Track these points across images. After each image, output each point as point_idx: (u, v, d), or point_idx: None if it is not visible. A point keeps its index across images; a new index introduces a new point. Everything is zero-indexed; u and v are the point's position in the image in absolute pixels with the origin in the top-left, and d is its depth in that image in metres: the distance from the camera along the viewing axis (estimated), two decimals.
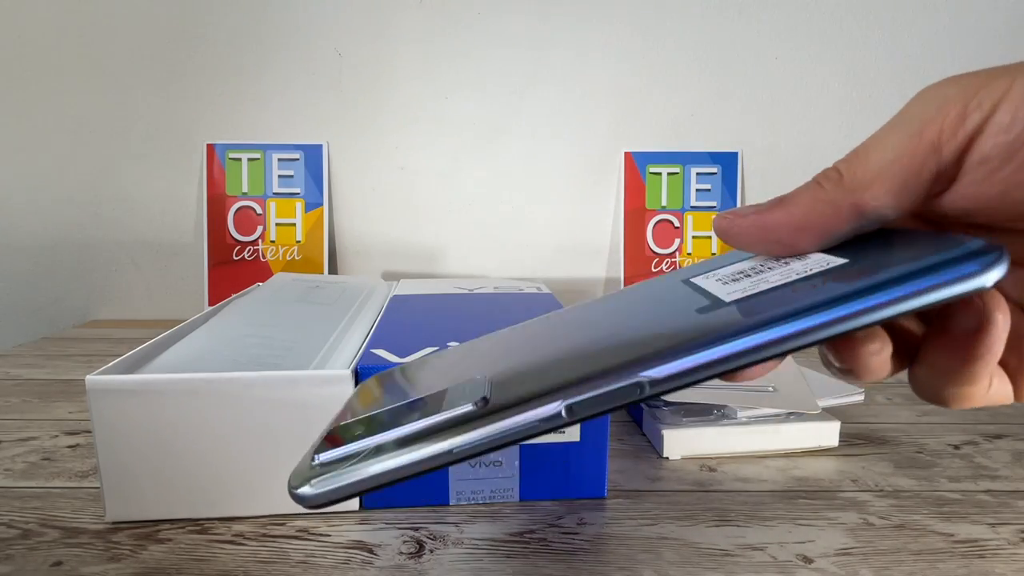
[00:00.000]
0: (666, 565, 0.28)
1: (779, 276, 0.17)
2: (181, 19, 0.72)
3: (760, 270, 0.18)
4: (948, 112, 0.16)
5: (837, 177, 0.17)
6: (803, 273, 0.16)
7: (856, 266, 0.16)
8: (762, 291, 0.16)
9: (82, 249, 0.76)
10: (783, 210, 0.17)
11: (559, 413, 0.16)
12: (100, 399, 0.30)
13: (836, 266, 0.16)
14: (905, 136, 0.16)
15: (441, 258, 0.77)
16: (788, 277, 0.17)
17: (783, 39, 0.73)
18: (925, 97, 0.17)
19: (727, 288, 0.18)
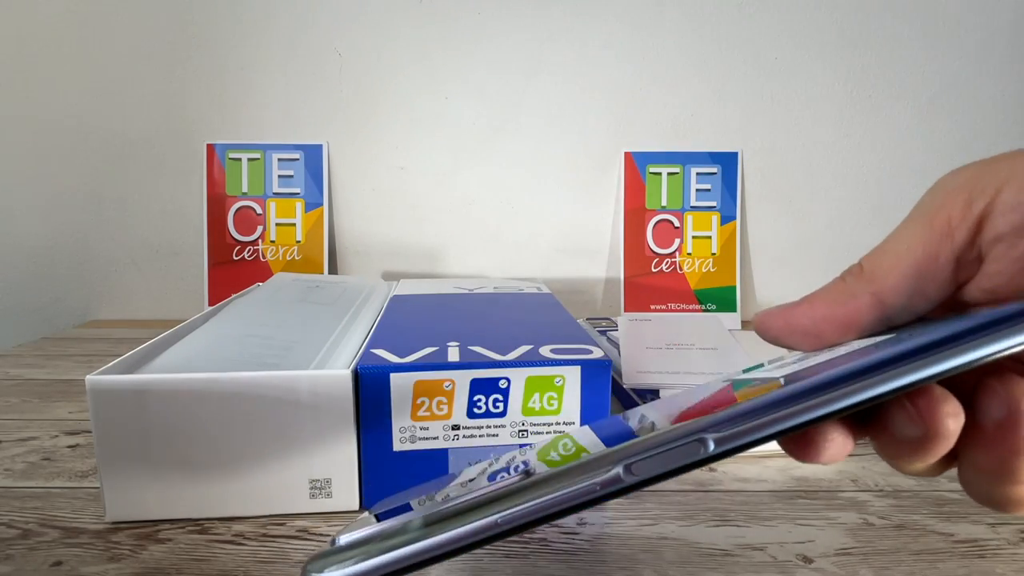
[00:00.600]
0: (666, 565, 0.28)
1: (827, 355, 0.17)
2: (181, 19, 0.72)
3: (808, 356, 0.18)
4: (956, 199, 0.17)
5: (858, 270, 0.18)
6: (852, 348, 0.17)
7: (907, 334, 0.16)
8: (816, 364, 0.16)
9: (82, 249, 0.76)
10: (807, 304, 0.19)
11: (617, 475, 0.15)
12: (100, 399, 0.30)
13: (887, 338, 0.16)
14: (919, 226, 0.17)
15: (441, 258, 0.77)
16: (836, 353, 0.17)
17: (783, 39, 0.73)
18: (934, 189, 0.18)
19: (776, 372, 0.18)
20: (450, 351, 0.34)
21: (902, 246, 0.17)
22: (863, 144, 0.75)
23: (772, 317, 0.19)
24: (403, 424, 0.32)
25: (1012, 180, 0.16)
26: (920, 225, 0.17)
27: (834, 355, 0.17)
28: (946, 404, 0.16)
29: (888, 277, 0.17)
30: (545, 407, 0.33)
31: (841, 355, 0.16)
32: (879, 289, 0.17)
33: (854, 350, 0.16)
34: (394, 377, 0.31)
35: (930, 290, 0.17)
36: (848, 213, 0.76)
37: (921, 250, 0.17)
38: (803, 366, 0.17)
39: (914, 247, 0.17)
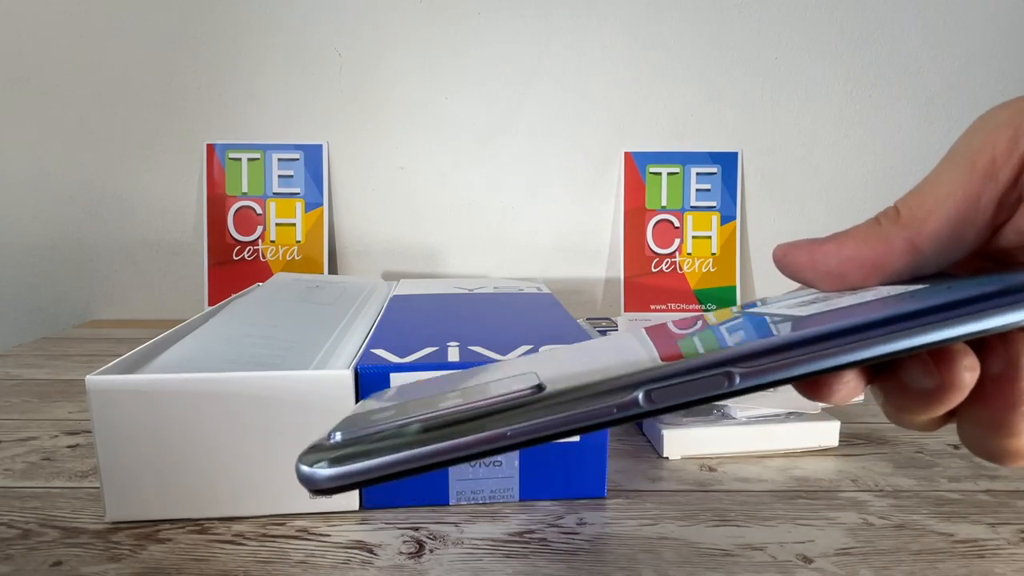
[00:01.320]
0: (666, 565, 0.28)
1: (852, 299, 0.16)
2: (181, 19, 0.72)
3: (829, 297, 0.17)
4: (999, 137, 0.16)
5: (894, 214, 0.17)
6: (878, 295, 0.16)
7: (938, 287, 0.15)
8: (843, 306, 0.15)
9: (82, 249, 0.76)
10: (835, 242, 0.17)
11: (636, 399, 0.14)
12: (100, 399, 0.30)
13: (917, 288, 0.15)
14: (959, 168, 0.16)
15: (441, 258, 0.77)
16: (864, 298, 0.16)
17: (783, 39, 0.73)
18: (976, 126, 0.16)
19: (800, 309, 0.16)
20: (450, 351, 0.34)
21: (942, 190, 0.16)
22: (863, 144, 0.75)
23: (797, 250, 0.18)
24: None
25: None
26: (961, 166, 0.16)
27: (860, 300, 0.16)
28: (965, 357, 0.15)
29: (927, 222, 0.16)
30: None
31: (869, 301, 0.15)
32: (915, 234, 0.16)
33: (881, 297, 0.15)
34: (394, 377, 0.31)
35: (968, 235, 0.16)
36: (848, 213, 0.76)
37: (962, 193, 0.16)
38: (828, 307, 0.16)
39: (955, 191, 0.16)
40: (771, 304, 0.18)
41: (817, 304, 0.16)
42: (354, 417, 0.16)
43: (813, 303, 0.17)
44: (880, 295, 0.16)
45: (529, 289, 0.52)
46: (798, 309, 0.16)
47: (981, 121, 0.16)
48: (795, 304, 0.17)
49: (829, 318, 0.15)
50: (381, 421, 0.15)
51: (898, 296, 0.15)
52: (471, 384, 0.17)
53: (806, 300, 0.17)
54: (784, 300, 0.18)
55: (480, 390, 0.15)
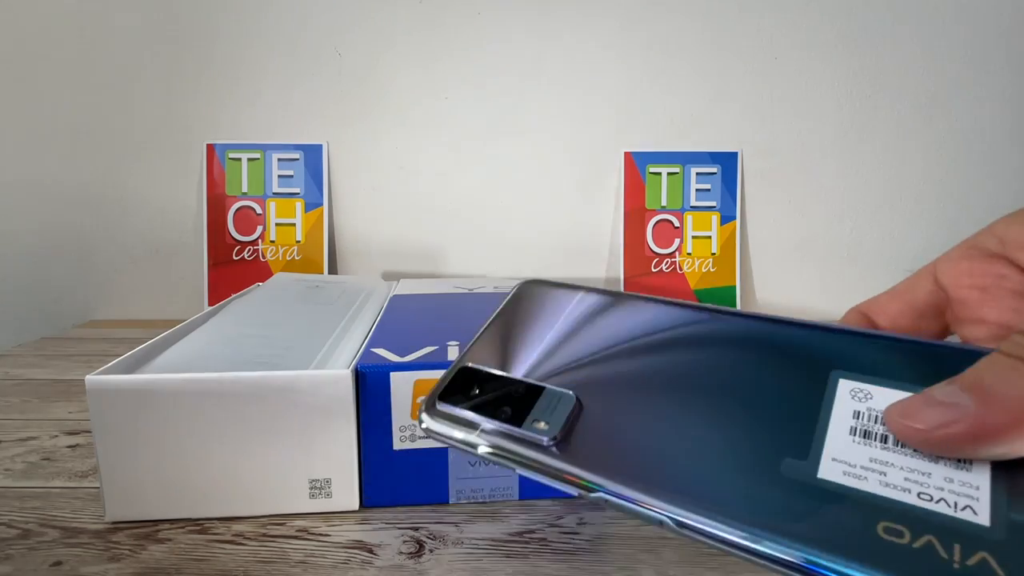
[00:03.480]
0: (666, 565, 0.28)
1: (902, 478, 0.13)
2: (181, 19, 0.72)
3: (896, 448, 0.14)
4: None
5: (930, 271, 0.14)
6: (930, 498, 0.13)
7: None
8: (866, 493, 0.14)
9: (82, 249, 0.76)
10: (1002, 414, 0.13)
11: (595, 498, 0.16)
12: (100, 399, 0.30)
13: (976, 526, 0.12)
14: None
15: (441, 258, 0.77)
16: (912, 492, 0.13)
17: (783, 39, 0.73)
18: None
19: (845, 451, 0.14)
20: (450, 350, 0.34)
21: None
22: (863, 144, 0.75)
23: (932, 423, 0.14)
24: (403, 423, 0.32)
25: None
26: None
27: (908, 501, 0.13)
28: None
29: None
30: None
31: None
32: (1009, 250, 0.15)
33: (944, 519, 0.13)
34: (394, 376, 0.31)
35: None
36: (848, 213, 0.76)
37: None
38: (868, 489, 0.14)
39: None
40: (854, 385, 0.16)
41: (879, 452, 0.14)
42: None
43: (879, 447, 0.14)
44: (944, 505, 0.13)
45: None
46: (843, 451, 0.14)
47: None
48: (860, 428, 0.15)
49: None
50: (465, 400, 0.19)
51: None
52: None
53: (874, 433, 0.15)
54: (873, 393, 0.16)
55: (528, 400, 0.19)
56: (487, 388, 0.19)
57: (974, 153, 0.74)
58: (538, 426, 0.18)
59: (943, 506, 0.13)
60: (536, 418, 0.18)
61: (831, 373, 0.16)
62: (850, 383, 0.16)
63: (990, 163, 0.74)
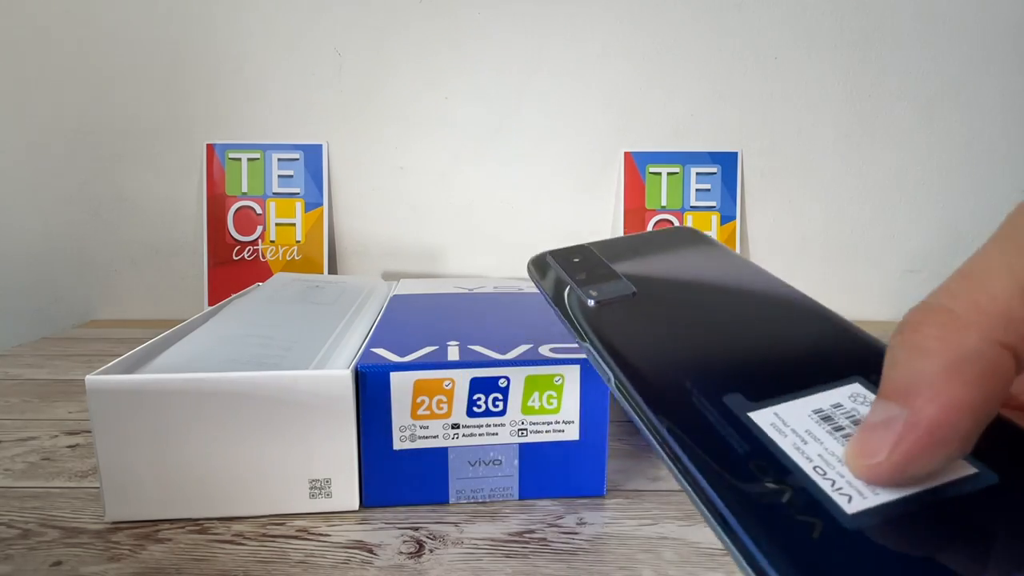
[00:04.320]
0: (666, 565, 0.28)
1: (817, 455, 0.14)
2: (181, 19, 0.72)
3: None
4: None
5: (955, 315, 0.12)
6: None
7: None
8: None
9: (82, 249, 0.76)
10: (929, 398, 0.12)
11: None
12: (100, 399, 0.30)
13: (971, 487, 0.13)
14: (1011, 247, 0.13)
15: (441, 258, 0.77)
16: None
17: (783, 39, 0.73)
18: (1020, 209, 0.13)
19: (793, 417, 0.15)
20: (450, 350, 0.34)
21: (1014, 280, 0.12)
22: (863, 144, 0.75)
23: (880, 468, 0.13)
24: (403, 423, 0.32)
25: None
26: (1013, 246, 0.13)
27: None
28: None
29: (1013, 319, 0.12)
30: (544, 406, 0.33)
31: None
32: (1011, 333, 0.12)
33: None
34: (394, 376, 0.31)
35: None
36: (848, 213, 0.76)
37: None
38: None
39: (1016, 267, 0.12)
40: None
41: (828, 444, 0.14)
42: None
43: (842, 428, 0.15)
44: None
45: (529, 289, 0.52)
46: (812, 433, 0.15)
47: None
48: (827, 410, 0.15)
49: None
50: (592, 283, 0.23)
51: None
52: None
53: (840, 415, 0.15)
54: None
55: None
56: (586, 261, 0.24)
57: (974, 153, 0.74)
58: (591, 291, 0.22)
59: (826, 482, 0.13)
60: (594, 287, 0.22)
61: (853, 376, 0.16)
62: (862, 389, 0.16)
63: (990, 163, 0.74)
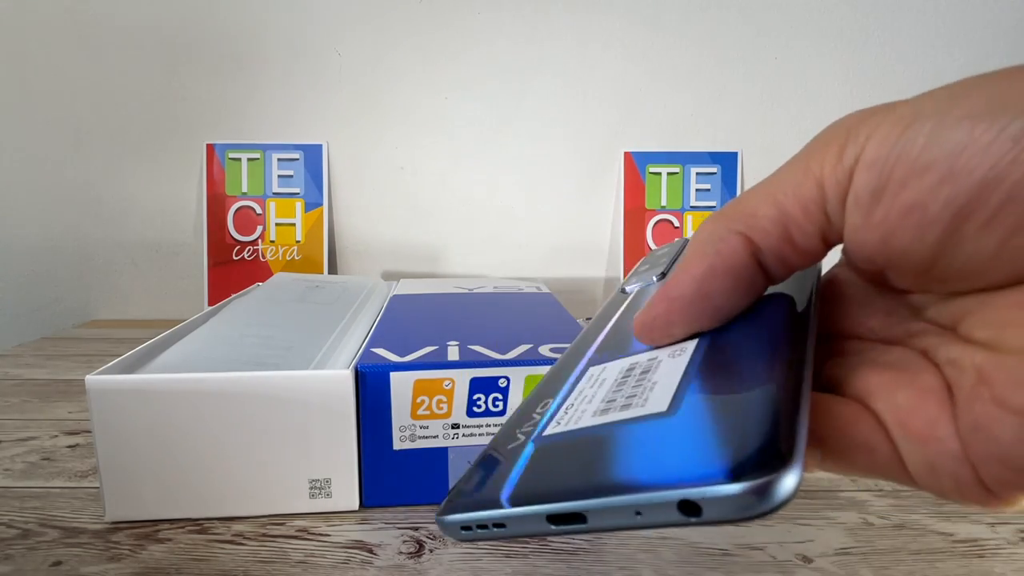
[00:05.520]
0: (666, 565, 0.28)
1: (600, 405, 0.15)
2: (181, 19, 0.72)
3: (607, 384, 0.17)
4: (831, 148, 0.14)
5: (728, 209, 0.16)
6: (615, 414, 0.15)
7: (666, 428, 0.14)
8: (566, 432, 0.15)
9: (82, 249, 0.76)
10: (681, 272, 0.16)
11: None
12: (100, 399, 0.30)
13: (647, 418, 0.14)
14: (795, 169, 0.15)
15: (441, 258, 0.77)
16: (600, 415, 0.15)
17: (783, 39, 0.73)
18: (823, 132, 0.15)
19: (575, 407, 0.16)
20: (450, 350, 0.34)
21: (775, 188, 0.15)
22: None
23: (649, 318, 0.17)
24: (403, 423, 0.32)
25: (879, 131, 0.13)
26: (797, 168, 0.15)
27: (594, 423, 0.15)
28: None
29: (756, 215, 0.15)
30: None
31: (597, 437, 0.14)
32: (749, 227, 0.15)
33: (619, 421, 0.14)
34: (394, 376, 0.31)
35: (800, 242, 0.15)
36: None
37: (792, 195, 0.15)
38: (568, 427, 0.15)
39: (787, 191, 0.15)
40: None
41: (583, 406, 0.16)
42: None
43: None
44: (627, 411, 0.15)
45: (529, 289, 0.52)
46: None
47: (829, 126, 0.15)
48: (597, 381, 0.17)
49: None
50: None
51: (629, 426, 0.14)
52: None
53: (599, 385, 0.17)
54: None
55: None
56: (664, 255, 0.25)
57: None
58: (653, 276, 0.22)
59: (561, 413, 0.16)
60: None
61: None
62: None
63: None
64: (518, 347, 0.34)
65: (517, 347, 0.34)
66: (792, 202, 0.15)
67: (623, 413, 0.15)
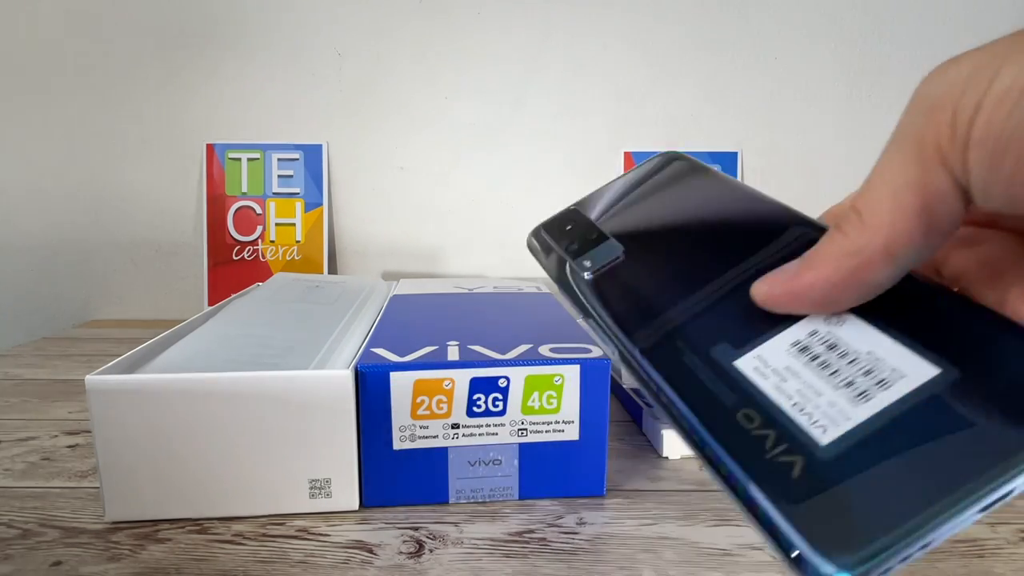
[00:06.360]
0: (666, 565, 0.28)
1: (796, 391, 0.15)
2: (181, 19, 0.72)
3: (820, 357, 0.16)
4: (939, 120, 0.14)
5: (857, 220, 0.15)
6: (792, 417, 0.15)
7: (972, 396, 0.13)
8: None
9: (82, 249, 0.76)
10: (812, 272, 0.16)
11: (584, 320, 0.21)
12: (100, 399, 0.30)
13: (937, 388, 0.14)
14: (908, 155, 0.15)
15: (441, 258, 0.77)
16: (785, 403, 0.15)
17: (783, 39, 0.73)
18: (917, 104, 0.15)
19: (773, 355, 0.16)
20: (450, 350, 0.34)
21: (897, 182, 0.15)
22: (863, 144, 0.75)
23: (776, 290, 0.17)
24: (403, 423, 0.32)
25: (991, 92, 0.13)
26: (910, 152, 0.15)
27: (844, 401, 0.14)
28: None
29: (895, 223, 0.15)
30: (544, 406, 0.33)
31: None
32: (888, 240, 0.15)
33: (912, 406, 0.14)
34: (394, 376, 0.31)
35: (944, 224, 0.15)
36: None
37: (920, 183, 0.14)
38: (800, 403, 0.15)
39: (911, 181, 0.15)
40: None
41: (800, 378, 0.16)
42: None
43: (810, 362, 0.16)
44: (897, 390, 0.14)
45: (529, 289, 0.52)
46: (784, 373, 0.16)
47: (920, 97, 0.15)
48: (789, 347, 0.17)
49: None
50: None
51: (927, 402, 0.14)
52: None
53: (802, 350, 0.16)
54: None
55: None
56: (576, 227, 0.25)
57: None
58: (584, 263, 0.23)
59: (803, 417, 0.15)
60: (587, 257, 0.23)
61: None
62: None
63: None
64: (518, 347, 0.34)
65: (517, 347, 0.34)
66: (925, 193, 0.15)
67: (888, 392, 0.14)
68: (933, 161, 0.14)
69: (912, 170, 0.15)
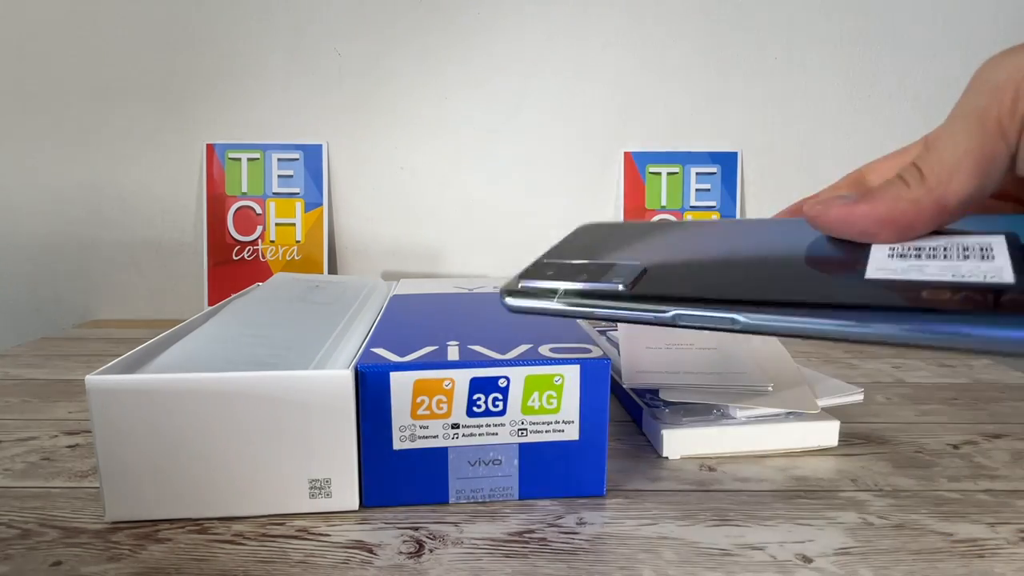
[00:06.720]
0: (666, 565, 0.28)
1: (939, 269, 0.17)
2: (181, 19, 0.72)
3: (922, 251, 0.18)
4: (1003, 98, 0.17)
5: (919, 175, 0.18)
6: (965, 277, 0.16)
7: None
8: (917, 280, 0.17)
9: (82, 249, 0.76)
10: (869, 205, 0.19)
11: (671, 316, 0.19)
12: (100, 399, 0.30)
13: (1004, 284, 0.16)
14: (970, 127, 0.17)
15: (441, 258, 0.77)
16: (948, 275, 0.17)
17: (783, 39, 0.73)
18: (978, 85, 0.18)
19: (885, 264, 0.18)
20: (450, 350, 0.34)
21: (959, 148, 0.18)
22: (863, 144, 0.75)
23: (831, 209, 0.19)
24: (403, 423, 0.32)
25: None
26: (972, 125, 0.17)
27: (946, 278, 0.16)
28: None
29: (951, 183, 0.18)
30: (544, 406, 0.33)
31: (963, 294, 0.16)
32: (942, 196, 0.18)
33: (978, 285, 0.16)
34: (394, 376, 0.31)
35: (988, 188, 0.18)
36: None
37: (979, 152, 0.17)
38: (915, 277, 0.17)
39: (972, 150, 0.17)
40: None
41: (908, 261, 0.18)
42: None
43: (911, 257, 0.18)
44: (972, 276, 0.16)
45: None
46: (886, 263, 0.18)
47: (982, 80, 0.18)
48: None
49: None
50: (545, 277, 0.23)
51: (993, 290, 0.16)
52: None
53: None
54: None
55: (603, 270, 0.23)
56: (563, 269, 0.23)
57: None
58: (613, 280, 0.22)
59: (975, 279, 0.16)
60: (610, 277, 0.22)
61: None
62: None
63: None
64: (518, 347, 0.34)
65: (517, 347, 0.34)
66: (983, 160, 0.17)
67: (999, 248, 0.17)
68: (993, 133, 0.17)
69: (975, 139, 0.17)
